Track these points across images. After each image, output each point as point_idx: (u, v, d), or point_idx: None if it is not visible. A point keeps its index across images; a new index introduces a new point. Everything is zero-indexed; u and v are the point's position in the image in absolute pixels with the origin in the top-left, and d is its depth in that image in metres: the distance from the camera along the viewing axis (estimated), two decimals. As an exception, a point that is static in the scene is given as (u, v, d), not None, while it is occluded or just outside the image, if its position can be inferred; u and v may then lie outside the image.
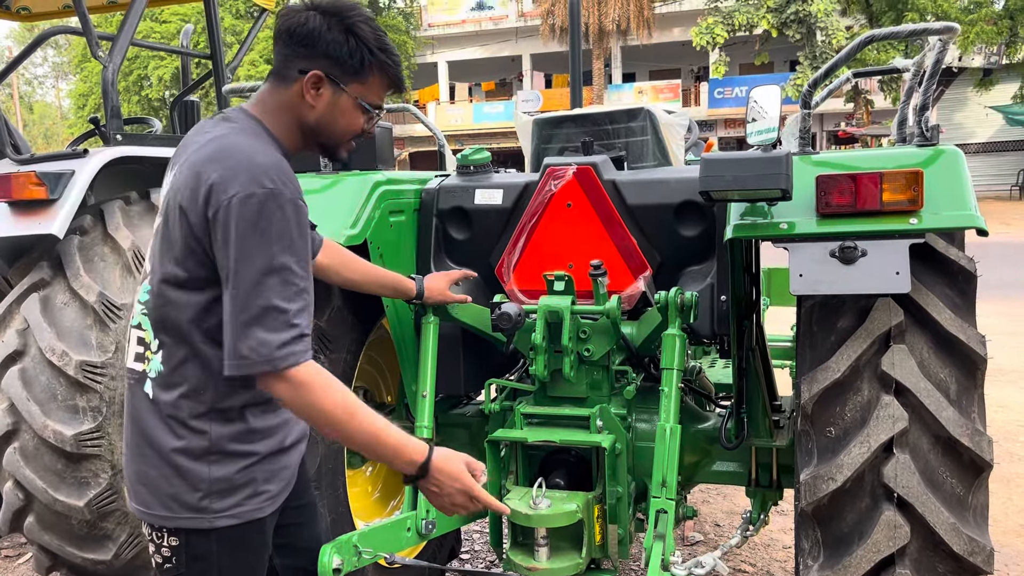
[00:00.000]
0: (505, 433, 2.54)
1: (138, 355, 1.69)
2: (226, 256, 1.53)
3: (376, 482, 3.32)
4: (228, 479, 1.66)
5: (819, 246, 2.08)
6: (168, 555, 1.68)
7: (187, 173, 1.60)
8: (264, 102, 1.74)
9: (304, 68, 1.70)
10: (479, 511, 1.95)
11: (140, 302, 1.69)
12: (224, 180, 1.54)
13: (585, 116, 3.06)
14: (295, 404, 1.59)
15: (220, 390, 1.64)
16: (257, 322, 1.51)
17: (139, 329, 1.69)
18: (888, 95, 24.48)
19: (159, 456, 1.65)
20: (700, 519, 4.26)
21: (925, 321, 2.11)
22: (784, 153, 2.03)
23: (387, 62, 1.76)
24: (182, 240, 1.58)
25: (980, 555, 1.94)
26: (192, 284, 1.61)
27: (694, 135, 3.90)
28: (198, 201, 1.55)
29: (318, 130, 1.75)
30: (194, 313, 1.62)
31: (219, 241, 1.54)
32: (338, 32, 1.69)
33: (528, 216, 2.78)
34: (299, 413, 1.63)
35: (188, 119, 4.63)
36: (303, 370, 1.56)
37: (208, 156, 1.59)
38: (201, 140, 1.66)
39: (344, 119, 1.76)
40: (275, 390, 1.57)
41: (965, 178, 2.09)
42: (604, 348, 2.61)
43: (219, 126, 1.69)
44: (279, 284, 1.53)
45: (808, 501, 2.05)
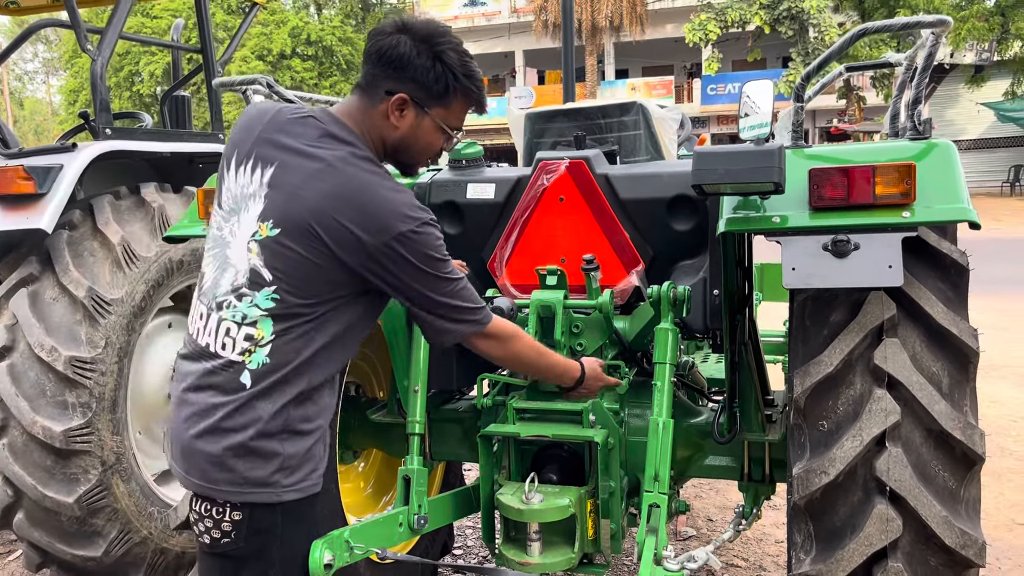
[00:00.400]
0: (497, 428, 2.53)
1: (243, 349, 1.74)
2: (407, 277, 1.78)
3: (368, 477, 3.31)
4: (297, 455, 1.76)
5: (812, 240, 2.07)
6: (228, 529, 1.74)
7: (325, 201, 1.70)
8: (352, 114, 1.84)
9: (391, 90, 1.80)
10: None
11: (258, 305, 1.74)
12: (384, 217, 1.72)
13: (578, 110, 3.04)
14: (501, 352, 2.04)
15: (312, 376, 1.77)
16: (456, 308, 1.87)
17: (249, 326, 1.74)
18: (880, 91, 24.53)
19: (236, 435, 1.71)
20: (693, 514, 4.26)
21: (917, 315, 2.10)
22: (777, 146, 2.02)
23: (471, 88, 1.87)
24: (321, 261, 1.71)
25: (972, 548, 1.94)
26: (325, 299, 1.75)
27: (687, 130, 3.90)
28: (352, 235, 1.70)
29: (399, 148, 1.87)
30: (319, 323, 1.75)
31: (394, 267, 1.75)
32: (426, 58, 1.79)
33: (520, 210, 2.77)
34: (504, 360, 2.12)
35: (179, 114, 4.60)
36: (497, 325, 1.98)
37: (353, 191, 1.72)
38: (318, 164, 1.74)
39: (424, 140, 1.88)
40: (483, 346, 1.98)
41: (958, 171, 2.08)
42: (596, 342, 2.60)
43: (332, 145, 1.77)
44: (456, 283, 1.86)
45: (800, 495, 2.05)
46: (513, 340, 2.06)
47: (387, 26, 1.83)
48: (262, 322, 1.73)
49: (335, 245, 1.71)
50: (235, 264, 1.77)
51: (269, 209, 1.74)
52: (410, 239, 1.74)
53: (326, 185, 1.72)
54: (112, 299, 3.17)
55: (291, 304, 1.73)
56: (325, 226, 1.70)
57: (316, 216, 1.71)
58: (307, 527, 1.87)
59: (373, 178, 1.75)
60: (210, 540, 1.77)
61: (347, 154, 1.76)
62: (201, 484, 1.75)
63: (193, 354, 1.81)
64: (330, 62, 30.59)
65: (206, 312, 1.80)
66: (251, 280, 1.74)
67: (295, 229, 1.71)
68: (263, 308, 1.73)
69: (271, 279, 1.73)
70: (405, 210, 1.74)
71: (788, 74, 24.36)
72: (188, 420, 1.76)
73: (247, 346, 1.74)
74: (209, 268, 1.83)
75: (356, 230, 1.70)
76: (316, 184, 1.72)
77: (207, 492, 1.75)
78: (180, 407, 1.80)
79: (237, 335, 1.75)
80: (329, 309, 1.76)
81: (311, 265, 1.72)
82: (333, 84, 29.45)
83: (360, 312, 1.83)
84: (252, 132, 1.82)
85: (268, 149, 1.77)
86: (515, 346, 2.07)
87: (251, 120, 1.86)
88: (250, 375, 1.73)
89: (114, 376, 3.17)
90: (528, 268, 2.73)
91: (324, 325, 1.77)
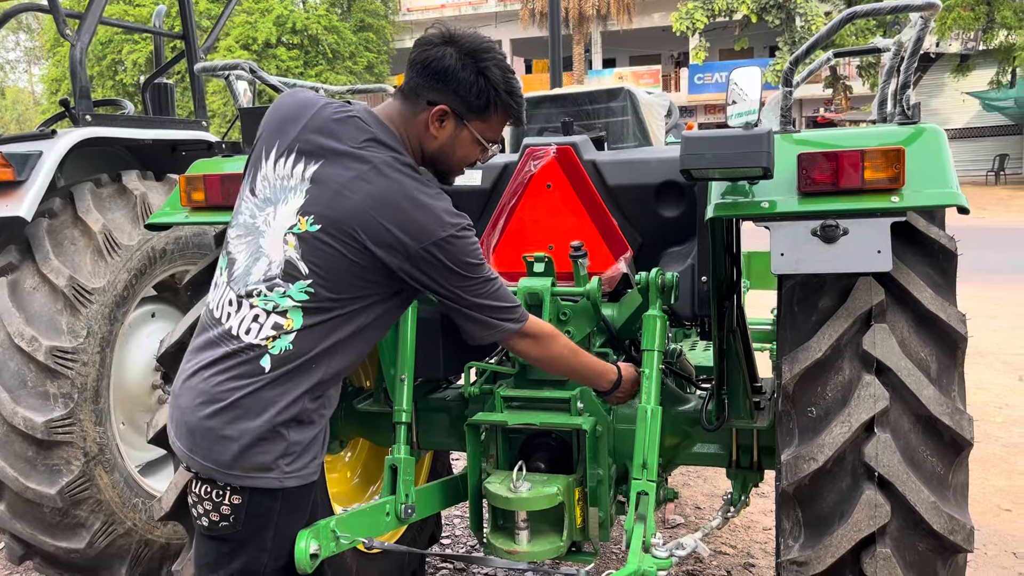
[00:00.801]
0: (485, 416, 2.52)
1: (268, 336, 1.77)
2: (444, 280, 1.83)
3: (355, 467, 3.29)
4: (302, 443, 1.79)
5: (800, 225, 2.06)
6: (227, 513, 1.77)
7: (370, 203, 1.75)
8: (393, 119, 1.88)
9: (433, 100, 1.86)
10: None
11: (291, 296, 1.77)
12: (426, 223, 1.77)
13: (565, 96, 3.02)
14: (539, 352, 2.07)
15: (331, 367, 1.80)
16: (492, 308, 1.92)
17: (279, 315, 1.77)
18: (867, 80, 24.60)
19: (247, 418, 1.73)
20: (681, 502, 4.26)
21: (906, 300, 2.09)
22: (766, 131, 2.00)
23: (511, 104, 1.91)
24: (360, 260, 1.76)
25: (960, 533, 1.93)
26: (358, 296, 1.79)
27: (674, 117, 3.88)
28: (394, 237, 1.75)
29: (436, 158, 1.93)
30: (348, 317, 1.79)
31: (433, 270, 1.80)
32: (470, 72, 1.84)
33: (507, 197, 2.75)
34: (541, 361, 2.14)
35: (162, 102, 4.54)
36: (534, 324, 2.03)
37: (398, 196, 1.76)
38: (364, 166, 1.77)
39: (461, 151, 1.94)
40: (520, 346, 2.03)
41: (946, 156, 2.07)
42: (584, 330, 2.58)
43: (377, 149, 1.80)
44: (491, 284, 1.91)
45: (789, 481, 2.04)
46: (550, 340, 2.10)
47: (434, 37, 1.87)
48: (292, 312, 1.77)
49: (376, 246, 1.76)
50: (269, 254, 1.80)
51: (311, 204, 1.77)
52: (450, 244, 1.79)
53: (372, 187, 1.76)
54: (93, 288, 3.12)
55: (324, 298, 1.77)
56: (368, 227, 1.75)
57: (360, 217, 1.75)
58: (303, 515, 1.90)
59: (416, 184, 1.80)
60: (208, 523, 1.80)
61: (392, 159, 1.81)
62: (204, 464, 1.76)
63: (213, 336, 1.82)
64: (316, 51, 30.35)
65: (236, 299, 1.82)
66: (285, 272, 1.77)
67: (337, 227, 1.75)
68: (296, 300, 1.77)
69: (307, 272, 1.76)
70: (445, 216, 1.80)
71: (775, 63, 24.38)
72: (199, 398, 1.78)
73: (273, 333, 1.77)
74: (241, 255, 1.85)
75: (399, 233, 1.75)
76: (362, 186, 1.77)
77: (209, 473, 1.76)
78: (190, 386, 1.81)
79: (265, 322, 1.78)
80: (360, 306, 1.81)
81: (349, 263, 1.77)
82: (319, 73, 29.22)
83: (387, 309, 1.88)
84: (295, 124, 1.84)
85: (313, 146, 1.80)
86: (553, 347, 2.11)
87: (294, 111, 1.87)
88: (271, 360, 1.76)
89: (96, 366, 3.13)
90: (515, 255, 2.71)
91: (351, 319, 1.81)
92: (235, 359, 1.78)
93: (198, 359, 1.83)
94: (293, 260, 1.78)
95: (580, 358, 2.23)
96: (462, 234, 1.82)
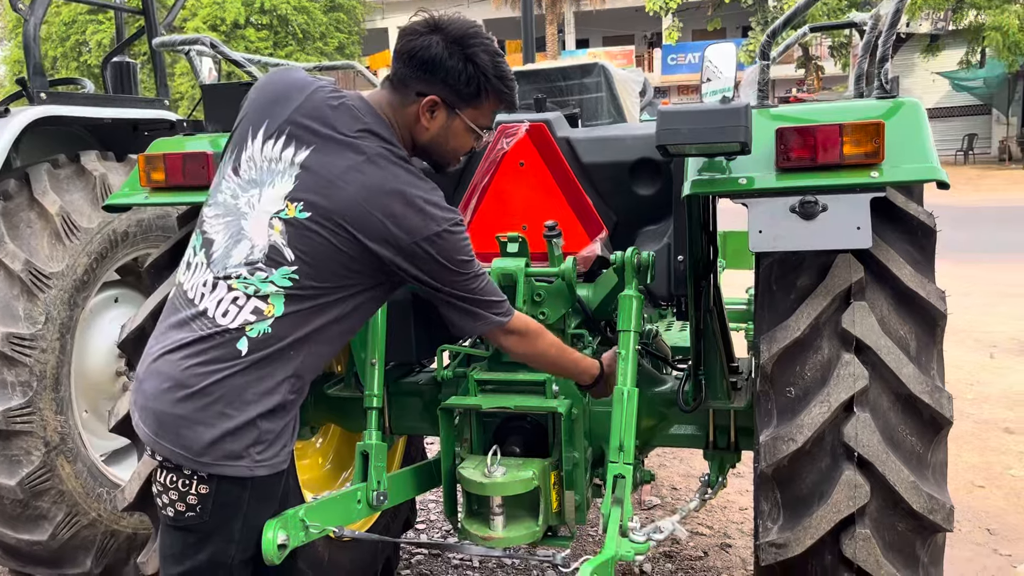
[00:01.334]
0: (458, 400, 2.46)
1: (246, 320, 1.70)
2: (434, 274, 1.80)
3: (327, 452, 3.23)
4: (273, 431, 1.73)
5: (779, 201, 2.01)
6: (194, 503, 1.70)
7: (364, 194, 1.71)
8: (384, 110, 1.83)
9: (422, 91, 1.81)
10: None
11: (273, 282, 1.71)
12: (419, 218, 1.73)
13: (537, 72, 2.96)
14: (524, 348, 2.04)
15: (309, 354, 1.75)
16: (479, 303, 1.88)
17: (260, 300, 1.71)
18: (838, 61, 24.71)
19: (220, 404, 1.67)
20: (657, 483, 4.25)
21: (885, 277, 2.06)
22: (743, 104, 1.95)
23: (502, 89, 1.87)
24: (348, 250, 1.71)
25: (940, 513, 1.92)
26: (342, 285, 1.74)
27: (649, 95, 3.82)
28: (386, 230, 1.71)
29: (429, 149, 1.89)
30: (330, 305, 1.74)
31: (423, 264, 1.77)
32: (458, 60, 1.79)
33: (479, 176, 2.68)
34: (526, 357, 2.10)
35: (123, 81, 4.40)
36: (520, 320, 2.00)
37: (392, 189, 1.73)
38: (359, 156, 1.73)
39: (455, 141, 1.90)
40: (506, 341, 1.99)
41: (926, 130, 2.04)
42: (559, 311, 2.53)
43: (371, 140, 1.75)
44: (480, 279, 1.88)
45: (768, 463, 2.00)
46: (536, 337, 2.07)
47: (419, 25, 1.82)
48: (274, 298, 1.72)
49: (367, 238, 1.72)
50: (252, 237, 1.74)
51: (300, 191, 1.72)
52: (442, 240, 1.77)
53: (366, 179, 1.72)
54: (51, 273, 3.02)
55: (307, 286, 1.73)
56: (360, 219, 1.71)
57: (352, 208, 1.71)
58: (272, 504, 1.84)
59: (410, 178, 1.77)
60: (173, 513, 1.74)
61: (387, 151, 1.77)
62: (173, 450, 1.69)
63: (185, 317, 1.75)
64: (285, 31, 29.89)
65: (212, 280, 1.75)
66: (269, 257, 1.72)
67: (328, 217, 1.71)
68: (279, 285, 1.71)
69: (293, 259, 1.71)
70: (438, 212, 1.77)
71: (748, 43, 24.40)
72: (166, 383, 1.70)
73: (252, 318, 1.71)
74: (219, 235, 1.78)
75: (391, 227, 1.72)
76: (356, 177, 1.72)
77: (177, 460, 1.69)
78: (157, 369, 1.73)
79: (245, 305, 1.72)
80: (344, 295, 1.77)
81: (337, 252, 1.73)
82: (289, 54, 28.81)
83: (371, 298, 1.84)
84: (286, 105, 1.77)
85: (303, 130, 1.75)
86: (539, 343, 2.08)
87: (285, 91, 1.81)
88: (248, 343, 1.70)
89: (56, 353, 3.03)
90: (488, 235, 2.65)
91: (333, 307, 1.77)
92: (209, 342, 1.70)
93: (166, 341, 1.75)
94: (278, 245, 1.72)
95: (565, 355, 2.21)
96: (454, 230, 1.79)
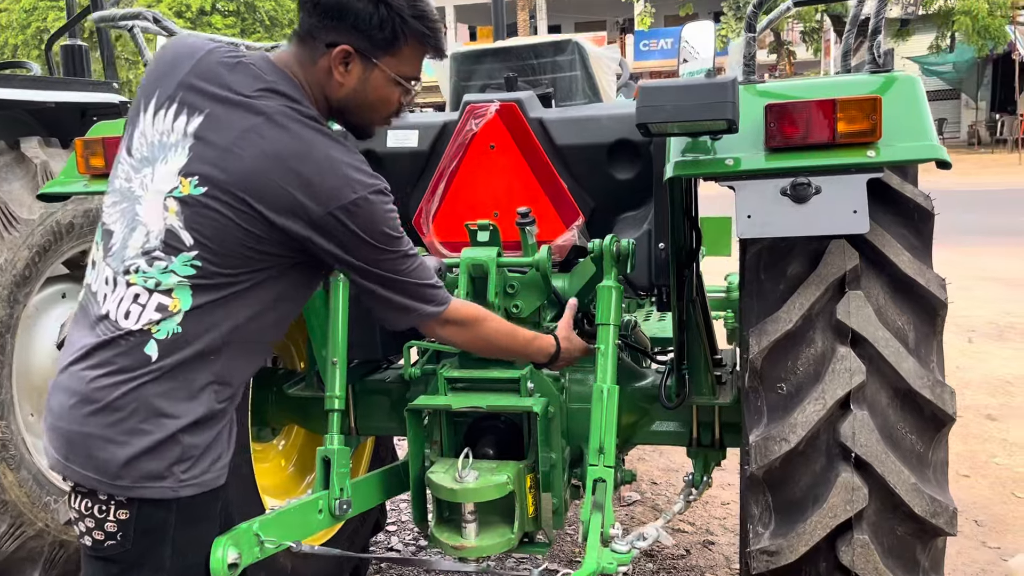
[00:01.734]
0: (427, 400, 2.30)
1: (151, 320, 1.51)
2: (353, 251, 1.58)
3: (290, 455, 3.06)
4: (200, 445, 1.54)
5: (769, 184, 1.87)
6: (113, 531, 1.52)
7: (264, 162, 1.50)
8: (291, 67, 1.61)
9: (332, 41, 1.58)
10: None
11: (174, 271, 1.51)
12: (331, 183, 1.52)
13: (508, 50, 2.79)
14: (466, 337, 1.88)
15: (231, 354, 1.56)
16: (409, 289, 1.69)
17: (163, 294, 1.51)
18: (810, 46, 24.72)
19: (132, 418, 1.48)
20: (637, 477, 4.11)
21: (881, 264, 1.93)
22: (730, 78, 1.80)
23: (423, 30, 1.63)
24: (253, 228, 1.51)
25: (943, 516, 1.79)
26: (254, 270, 1.55)
27: (625, 75, 3.68)
28: (294, 201, 1.50)
29: (347, 108, 1.66)
30: (244, 294, 1.55)
31: (339, 239, 1.56)
32: (367, 2, 1.56)
33: (447, 159, 2.52)
34: (471, 346, 1.97)
35: (74, 64, 4.17)
36: (458, 308, 1.82)
37: (297, 152, 1.51)
38: (257, 118, 1.51)
39: (376, 96, 1.66)
40: (444, 332, 1.82)
41: (924, 106, 1.90)
42: (534, 303, 2.38)
43: (272, 98, 1.54)
44: (410, 260, 1.68)
45: (759, 465, 1.87)
46: (477, 324, 1.90)
47: None
48: (179, 291, 1.51)
49: (272, 211, 1.50)
50: (147, 223, 1.54)
51: (194, 163, 1.51)
52: (359, 209, 1.55)
53: (266, 143, 1.51)
54: (-10, 267, 2.81)
55: (212, 273, 1.52)
56: (262, 189, 1.50)
57: (252, 177, 1.50)
58: (206, 527, 1.64)
59: (320, 138, 1.55)
60: (92, 542, 1.54)
61: (290, 109, 1.54)
62: (84, 473, 1.51)
63: (90, 322, 1.56)
64: (253, 18, 29.35)
65: (112, 277, 1.56)
66: (166, 243, 1.52)
67: (225, 189, 1.50)
68: (181, 275, 1.51)
69: (192, 243, 1.51)
70: (355, 175, 1.55)
71: (720, 28, 24.32)
72: (72, 398, 1.51)
73: (157, 316, 1.51)
74: (117, 225, 1.58)
75: (299, 196, 1.50)
76: (255, 141, 1.50)
77: (90, 484, 1.51)
78: (62, 383, 1.55)
79: (148, 303, 1.52)
80: (257, 280, 1.56)
81: (242, 232, 1.51)
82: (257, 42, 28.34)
83: (294, 284, 1.64)
84: (178, 71, 1.57)
85: (196, 94, 1.54)
86: (482, 329, 1.91)
87: (176, 56, 1.60)
88: (157, 347, 1.50)
89: None
90: (457, 223, 2.49)
91: (249, 297, 1.56)
92: (114, 349, 1.51)
93: (72, 350, 1.56)
94: (175, 229, 1.51)
95: (516, 337, 2.04)
96: (376, 198, 1.58)
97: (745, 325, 2.03)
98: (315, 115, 1.59)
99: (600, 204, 2.50)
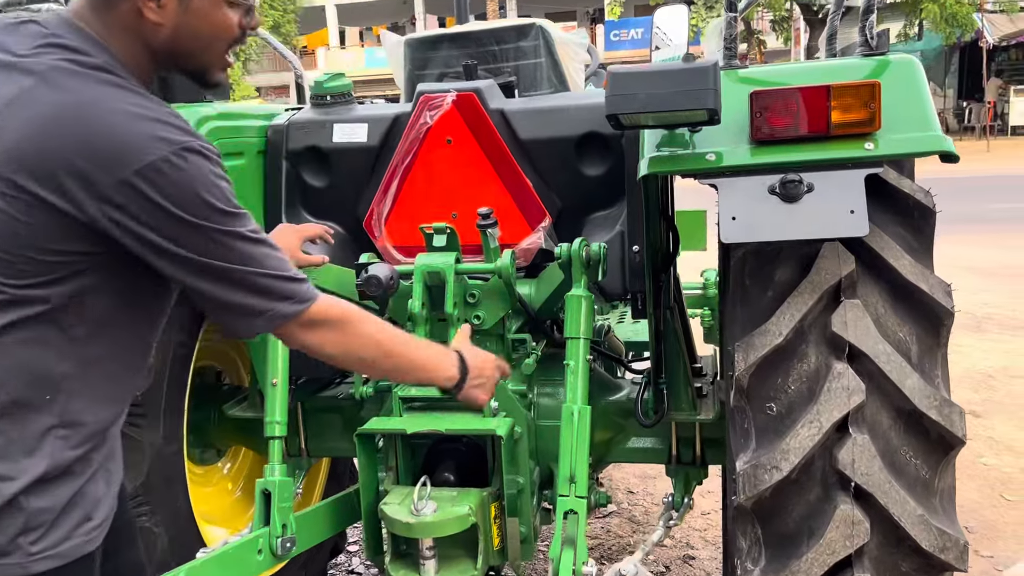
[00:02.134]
0: (379, 424, 2.08)
1: None
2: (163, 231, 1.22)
3: (237, 479, 2.82)
4: (52, 508, 1.25)
5: (755, 181, 1.67)
6: None
7: (33, 131, 1.18)
8: (88, 21, 1.28)
9: None
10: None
11: None
12: (121, 143, 1.19)
13: (467, 35, 2.57)
14: (335, 347, 1.43)
15: (71, 392, 1.26)
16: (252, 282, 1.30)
17: None
18: (780, 35, 24.69)
19: None
20: (612, 486, 3.93)
21: (880, 269, 1.74)
22: (711, 62, 1.60)
23: None
24: (33, 220, 1.19)
25: (952, 551, 1.60)
26: (52, 279, 1.22)
27: (595, 62, 3.47)
28: (77, 173, 1.18)
29: (177, 51, 1.33)
30: (61, 313, 1.23)
31: (141, 216, 1.20)
32: None
33: (400, 156, 2.30)
34: (341, 359, 1.49)
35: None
36: (327, 307, 1.40)
37: (75, 111, 1.19)
38: (26, 81, 1.20)
39: (208, 23, 1.32)
40: (307, 338, 1.39)
41: (925, 92, 1.71)
42: (497, 314, 2.18)
43: (50, 53, 1.23)
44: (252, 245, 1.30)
45: (747, 495, 1.67)
46: (356, 323, 1.46)
47: None
48: None
49: (53, 193, 1.18)
50: None
51: None
52: (163, 173, 1.19)
53: (32, 111, 1.19)
54: None
55: (5, 288, 1.21)
56: (35, 168, 1.19)
57: (22, 155, 1.18)
58: None
59: (107, 89, 1.23)
60: None
61: (68, 62, 1.23)
62: None
63: None
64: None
65: None
66: None
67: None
68: None
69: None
70: (156, 130, 1.21)
71: (692, 18, 24.22)
72: None
73: None
74: None
75: (80, 163, 1.18)
76: (19, 112, 1.19)
77: None
78: None
79: None
80: (70, 291, 1.24)
81: (22, 226, 1.19)
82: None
83: (124, 287, 1.30)
84: None
85: None
86: (361, 331, 1.47)
87: None
88: None
89: None
90: (412, 226, 2.27)
91: (69, 316, 1.24)
92: None
93: None
94: None
95: (407, 345, 1.61)
96: (186, 158, 1.21)
97: (729, 338, 1.83)
98: (102, 64, 1.26)
99: (568, 203, 2.31)
